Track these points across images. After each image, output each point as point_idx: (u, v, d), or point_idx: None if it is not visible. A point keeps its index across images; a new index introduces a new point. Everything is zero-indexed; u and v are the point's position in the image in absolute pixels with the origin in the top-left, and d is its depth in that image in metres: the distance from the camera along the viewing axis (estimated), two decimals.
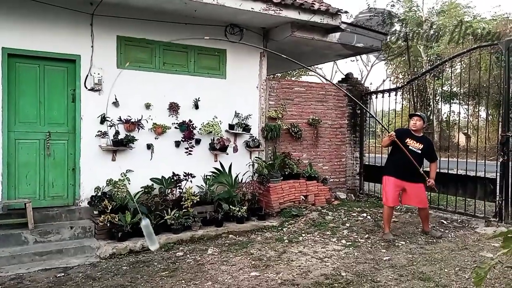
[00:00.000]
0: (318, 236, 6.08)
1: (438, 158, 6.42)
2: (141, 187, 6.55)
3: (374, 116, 8.13)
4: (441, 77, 12.39)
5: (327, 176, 8.69)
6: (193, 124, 7.06)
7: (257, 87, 7.89)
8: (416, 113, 6.29)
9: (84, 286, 4.32)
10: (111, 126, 6.50)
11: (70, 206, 6.30)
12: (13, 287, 4.34)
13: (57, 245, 5.50)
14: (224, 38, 6.97)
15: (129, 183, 6.51)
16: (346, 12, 7.50)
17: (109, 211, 5.85)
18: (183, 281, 4.38)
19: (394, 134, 5.89)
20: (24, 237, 5.48)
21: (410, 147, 5.90)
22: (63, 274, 4.72)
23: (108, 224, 5.74)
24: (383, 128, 7.30)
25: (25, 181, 6.05)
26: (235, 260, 5.06)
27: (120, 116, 6.56)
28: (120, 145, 6.46)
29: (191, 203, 6.41)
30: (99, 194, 6.24)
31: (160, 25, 6.76)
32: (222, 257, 5.22)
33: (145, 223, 4.03)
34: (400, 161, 5.86)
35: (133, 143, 6.57)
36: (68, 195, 6.35)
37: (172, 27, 6.84)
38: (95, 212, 6.02)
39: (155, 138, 6.87)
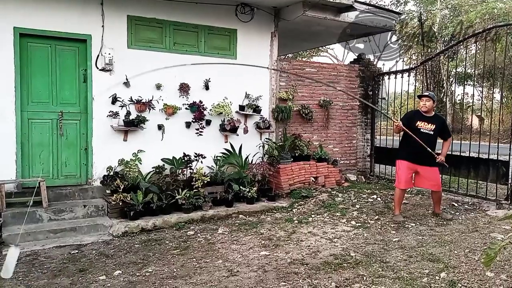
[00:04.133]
0: (327, 217, 6.11)
1: (452, 137, 6.34)
2: (152, 167, 6.61)
3: (378, 109, 8.02)
4: (455, 58, 12.17)
5: (337, 158, 8.67)
6: (204, 105, 7.06)
7: (268, 67, 7.84)
8: (424, 93, 6.16)
9: (97, 263, 4.42)
10: (122, 106, 6.53)
11: (83, 185, 6.40)
12: (29, 263, 4.46)
13: (70, 223, 5.61)
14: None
15: (141, 163, 6.58)
16: None
17: (121, 190, 5.93)
18: (194, 259, 4.45)
19: (400, 123, 5.82)
20: (39, 215, 5.59)
21: (421, 130, 5.83)
22: (77, 251, 4.83)
23: (120, 203, 5.83)
24: (394, 112, 7.22)
25: (39, 160, 6.14)
26: (245, 240, 5.12)
27: (131, 97, 6.58)
28: (132, 125, 6.50)
29: (202, 183, 6.46)
30: (111, 173, 6.32)
31: (171, 4, 6.71)
32: (232, 236, 5.29)
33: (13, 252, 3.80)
34: (413, 145, 5.79)
35: (144, 124, 6.60)
36: (81, 174, 6.44)
37: (182, 6, 6.79)
38: (108, 191, 6.11)
39: (166, 119, 6.89)
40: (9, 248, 4.01)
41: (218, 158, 7.28)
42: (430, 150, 5.73)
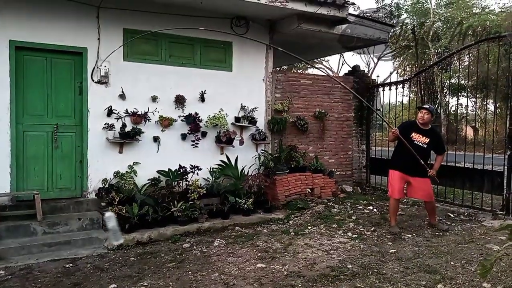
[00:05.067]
0: (324, 229, 6.10)
1: (446, 151, 6.36)
2: (148, 180, 6.59)
3: (378, 113, 8.08)
4: (449, 70, 12.29)
5: (333, 169, 8.68)
6: (199, 117, 7.07)
7: (263, 79, 7.88)
8: (424, 106, 6.18)
9: (92, 277, 4.37)
10: (118, 118, 6.53)
11: (78, 198, 6.36)
12: (23, 277, 4.40)
13: (65, 236, 5.56)
14: (223, 30, 6.92)
15: (136, 176, 6.56)
16: (353, 4, 7.44)
17: (116, 203, 5.90)
18: (190, 272, 4.42)
19: (397, 130, 5.84)
20: (33, 228, 5.54)
21: (415, 141, 5.83)
22: (71, 264, 4.78)
23: (116, 216, 5.77)
24: (389, 123, 7.27)
25: (34, 173, 6.11)
26: (242, 252, 5.09)
27: (126, 109, 6.58)
28: (127, 137, 6.49)
29: (198, 195, 6.44)
30: (107, 186, 6.29)
31: (166, 17, 6.75)
32: (228, 249, 5.25)
33: (108, 215, 4.47)
34: (406, 155, 5.79)
35: (139, 136, 6.59)
36: (76, 187, 6.40)
37: (178, 20, 6.83)
38: (103, 204, 6.08)
39: (162, 131, 6.89)
40: (106, 215, 4.48)
41: (214, 170, 7.26)
42: (423, 163, 5.75)
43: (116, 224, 4.80)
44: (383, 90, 9.10)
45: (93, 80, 6.36)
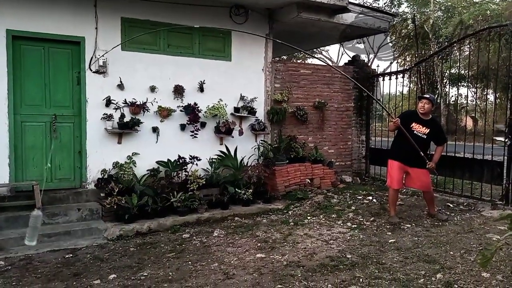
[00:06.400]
0: (323, 219, 6.10)
1: (446, 142, 6.33)
2: (147, 170, 6.58)
3: (380, 103, 8.03)
4: (449, 60, 12.21)
5: (332, 160, 8.67)
6: (198, 107, 7.04)
7: (262, 69, 7.83)
8: (425, 95, 6.14)
9: (92, 267, 4.38)
10: (116, 109, 6.50)
11: (77, 188, 6.36)
12: (23, 267, 4.41)
13: (64, 227, 5.56)
14: (220, 27, 6.87)
15: (135, 166, 6.55)
16: None
17: (115, 193, 5.89)
18: (189, 262, 4.42)
19: (398, 120, 5.81)
20: None
21: (415, 131, 5.80)
22: (71, 255, 4.78)
23: (115, 207, 5.78)
24: (389, 113, 7.24)
25: (32, 163, 6.09)
26: (241, 242, 5.10)
27: (125, 99, 6.54)
28: (126, 128, 6.46)
29: (197, 186, 6.43)
30: (106, 176, 6.28)
31: (165, 6, 6.69)
32: (228, 239, 5.26)
33: (36, 214, 4.10)
34: (405, 145, 5.78)
35: (138, 126, 6.57)
36: (75, 177, 6.39)
37: (176, 8, 6.77)
38: (102, 195, 6.07)
39: (161, 121, 6.86)
40: (31, 213, 4.15)
41: (213, 160, 7.25)
42: (422, 154, 5.72)
43: (38, 225, 4.20)
44: (383, 80, 9.06)
45: (91, 70, 6.32)
